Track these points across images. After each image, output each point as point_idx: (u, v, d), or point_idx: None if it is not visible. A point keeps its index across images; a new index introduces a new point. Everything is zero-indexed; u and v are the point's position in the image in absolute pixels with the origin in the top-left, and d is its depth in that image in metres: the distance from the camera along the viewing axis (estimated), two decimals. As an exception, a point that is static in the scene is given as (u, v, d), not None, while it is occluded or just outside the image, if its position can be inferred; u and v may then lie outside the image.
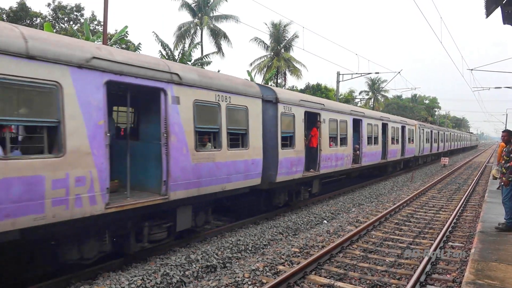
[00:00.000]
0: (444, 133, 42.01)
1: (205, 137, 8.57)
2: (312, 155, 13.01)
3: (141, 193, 7.36)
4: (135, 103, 8.24)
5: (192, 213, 8.32)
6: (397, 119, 24.03)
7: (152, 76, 6.98)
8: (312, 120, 13.02)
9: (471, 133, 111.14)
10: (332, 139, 14.36)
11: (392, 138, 22.05)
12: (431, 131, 33.83)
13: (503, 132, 9.02)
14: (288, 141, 11.46)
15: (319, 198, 14.75)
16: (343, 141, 15.28)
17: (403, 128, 24.20)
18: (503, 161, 8.54)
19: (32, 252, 6.33)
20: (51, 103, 5.54)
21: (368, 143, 17.97)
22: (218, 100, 8.61)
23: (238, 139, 9.40)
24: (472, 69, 24.57)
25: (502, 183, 8.61)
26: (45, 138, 5.49)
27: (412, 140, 26.70)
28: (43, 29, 25.39)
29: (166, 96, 7.27)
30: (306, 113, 12.31)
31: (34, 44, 5.32)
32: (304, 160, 12.19)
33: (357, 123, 16.81)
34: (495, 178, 8.89)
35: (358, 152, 17.00)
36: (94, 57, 6.05)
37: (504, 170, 8.37)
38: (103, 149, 6.16)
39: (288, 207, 12.62)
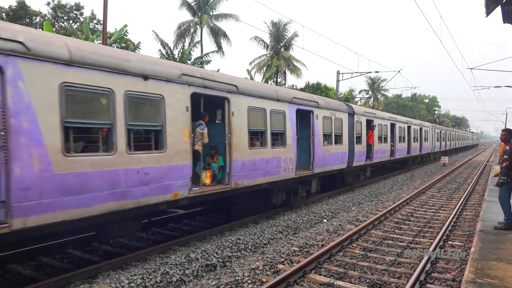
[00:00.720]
0: (450, 133, 48.15)
1: (325, 138, 13.77)
2: (367, 149, 18.05)
3: (300, 170, 12.41)
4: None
5: (318, 182, 13.86)
6: (417, 122, 29.83)
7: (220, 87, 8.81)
8: (369, 125, 18.39)
9: (473, 132, 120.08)
10: (379, 138, 19.74)
11: (414, 138, 27.19)
12: (440, 131, 39.17)
13: (502, 131, 8.99)
14: (358, 139, 16.71)
15: (319, 197, 14.79)
16: (385, 140, 20.82)
17: (420, 129, 29.34)
18: (500, 161, 8.54)
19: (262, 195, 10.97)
20: (158, 111, 7.15)
21: (398, 141, 23.17)
22: (331, 115, 14.22)
23: (338, 139, 14.81)
24: (472, 68, 24.58)
25: (495, 184, 8.63)
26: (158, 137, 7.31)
27: (427, 139, 31.69)
28: (42, 28, 25.35)
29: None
30: (367, 120, 17.87)
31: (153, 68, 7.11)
32: (366, 153, 17.64)
33: (392, 126, 22.24)
34: (496, 175, 8.89)
35: (393, 148, 22.14)
36: (183, 74, 7.71)
37: (499, 170, 8.38)
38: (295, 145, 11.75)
39: (351, 185, 17.59)
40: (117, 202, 6.37)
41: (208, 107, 9.30)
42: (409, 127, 25.92)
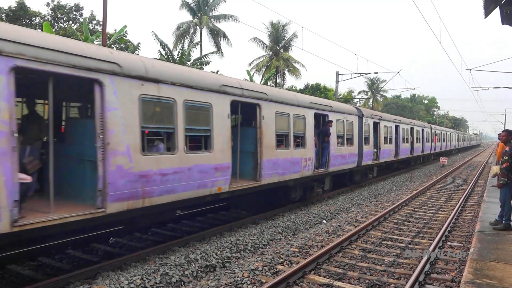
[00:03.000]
0: (459, 134, 57.93)
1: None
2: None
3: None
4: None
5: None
6: (432, 126, 35.57)
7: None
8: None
9: (476, 134, 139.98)
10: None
11: (426, 139, 31.59)
12: (451, 133, 46.71)
13: (502, 132, 9.02)
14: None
15: (318, 198, 14.78)
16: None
17: (434, 132, 34.94)
18: (499, 162, 8.56)
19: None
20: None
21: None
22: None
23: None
24: (471, 69, 24.59)
25: (495, 185, 8.66)
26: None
27: (439, 140, 38.00)
28: (42, 29, 25.36)
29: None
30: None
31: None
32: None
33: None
34: (494, 175, 8.93)
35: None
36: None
37: (499, 171, 8.40)
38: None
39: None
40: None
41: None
42: (422, 130, 29.54)
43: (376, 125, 19.42)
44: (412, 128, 26.63)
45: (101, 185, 6.21)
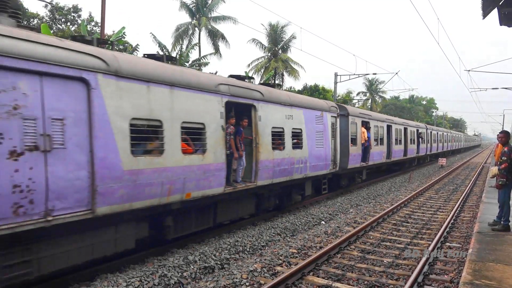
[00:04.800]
0: (462, 136, 65.35)
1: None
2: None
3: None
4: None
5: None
6: (438, 129, 40.51)
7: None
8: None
9: (477, 135, 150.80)
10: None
11: (434, 140, 35.98)
12: (456, 135, 53.70)
13: (500, 133, 9.02)
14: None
15: (317, 199, 14.79)
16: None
17: (442, 133, 38.94)
18: (498, 163, 8.56)
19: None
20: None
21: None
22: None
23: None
24: (469, 70, 24.65)
25: (495, 186, 8.67)
26: None
27: (446, 141, 43.57)
28: (40, 31, 25.32)
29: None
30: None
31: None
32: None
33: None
34: (493, 176, 8.93)
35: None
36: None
37: (498, 172, 8.41)
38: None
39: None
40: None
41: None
42: (430, 132, 31.91)
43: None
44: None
45: None
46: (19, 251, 5.28)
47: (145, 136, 7.16)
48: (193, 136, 8.11)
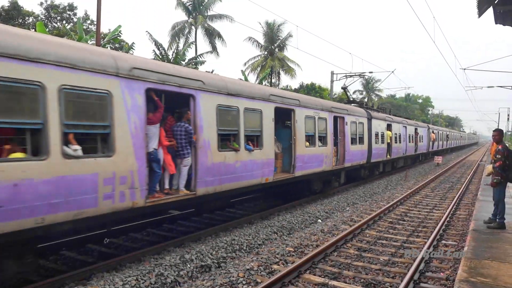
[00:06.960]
0: (460, 134, 74.12)
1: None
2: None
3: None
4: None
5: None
6: (443, 129, 46.73)
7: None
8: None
9: (474, 133, 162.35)
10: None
11: (440, 138, 41.12)
12: (456, 134, 60.92)
13: (494, 131, 9.06)
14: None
15: (313, 197, 14.81)
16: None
17: (445, 133, 45.53)
18: (492, 161, 8.60)
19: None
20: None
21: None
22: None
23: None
24: (465, 69, 24.74)
25: (489, 184, 8.72)
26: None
27: (453, 139, 52.54)
28: (35, 29, 25.17)
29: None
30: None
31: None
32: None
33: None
34: (489, 174, 8.98)
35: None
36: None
37: (493, 170, 8.45)
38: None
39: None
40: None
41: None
42: (432, 131, 36.11)
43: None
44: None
45: None
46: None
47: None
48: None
